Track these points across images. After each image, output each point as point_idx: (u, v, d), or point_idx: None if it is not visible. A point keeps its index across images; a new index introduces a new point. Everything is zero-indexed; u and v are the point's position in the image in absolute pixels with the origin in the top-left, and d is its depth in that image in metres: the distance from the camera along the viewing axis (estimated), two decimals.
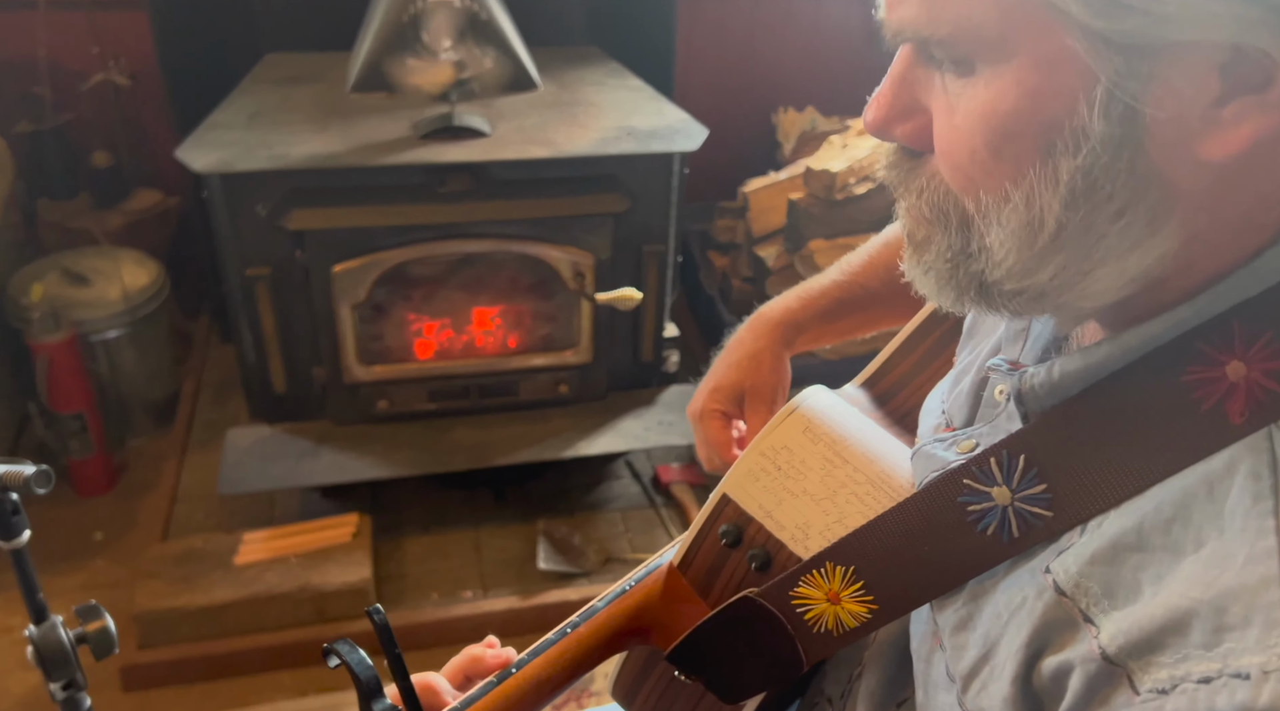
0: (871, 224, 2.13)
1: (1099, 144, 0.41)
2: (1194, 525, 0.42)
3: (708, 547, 0.65)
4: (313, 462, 1.89)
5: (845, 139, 2.16)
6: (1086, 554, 0.45)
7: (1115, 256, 0.43)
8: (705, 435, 0.86)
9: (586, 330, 1.95)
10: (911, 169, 0.49)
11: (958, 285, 0.49)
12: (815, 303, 0.87)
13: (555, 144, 1.76)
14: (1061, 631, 0.45)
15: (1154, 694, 0.40)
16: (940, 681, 0.53)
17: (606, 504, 2.08)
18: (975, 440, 0.55)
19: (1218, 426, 0.42)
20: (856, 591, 0.55)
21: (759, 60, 2.52)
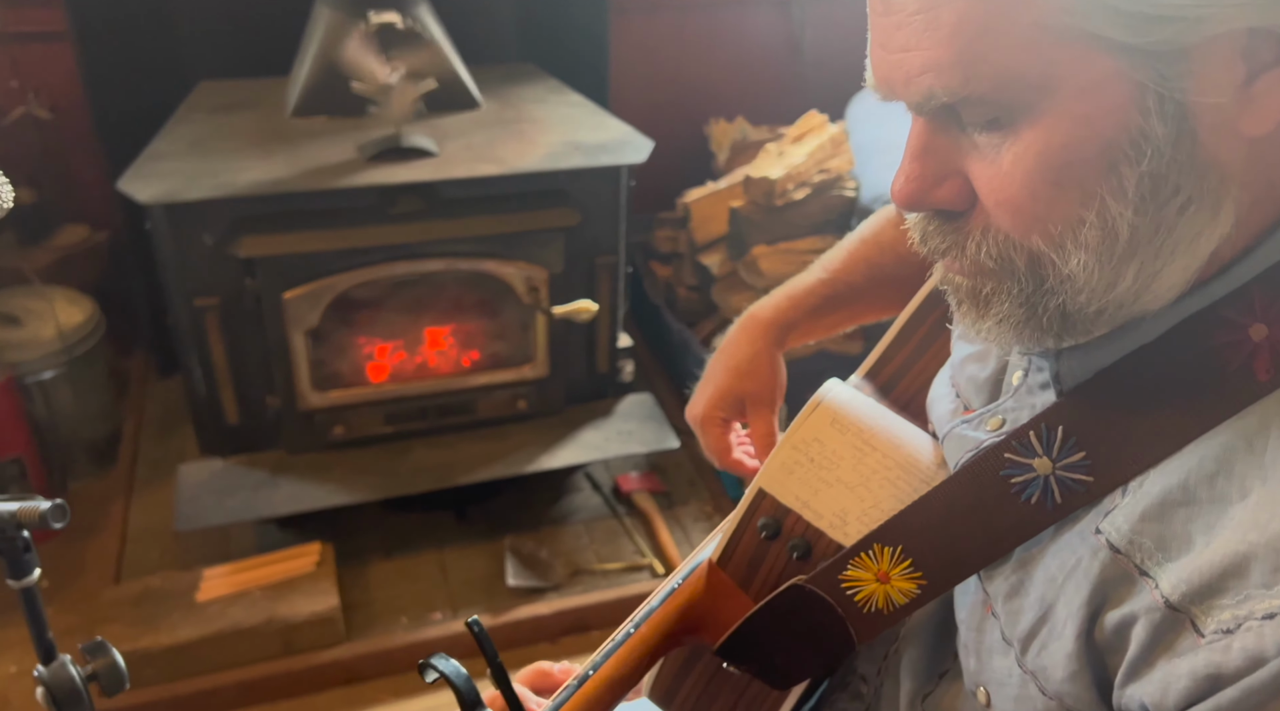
0: (810, 228, 2.19)
1: (1162, 144, 0.44)
2: (1237, 477, 0.46)
3: (747, 541, 0.67)
4: (271, 493, 1.86)
5: (781, 147, 2.21)
6: (1136, 512, 0.48)
7: (1184, 247, 0.46)
8: (708, 442, 0.88)
9: (542, 345, 1.96)
10: (957, 229, 0.51)
11: (1038, 324, 0.50)
12: (804, 301, 0.90)
13: (504, 161, 1.77)
14: (1119, 587, 0.48)
15: (1219, 634, 0.44)
16: (995, 647, 0.56)
17: (569, 517, 2.09)
18: (1001, 417, 0.59)
19: (1245, 384, 0.47)
20: (905, 569, 0.58)
21: (688, 74, 2.57)
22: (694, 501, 2.13)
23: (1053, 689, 0.52)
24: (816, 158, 2.14)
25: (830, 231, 2.21)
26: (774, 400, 0.88)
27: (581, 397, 2.07)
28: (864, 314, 0.94)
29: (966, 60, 0.44)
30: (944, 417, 0.66)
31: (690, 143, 2.62)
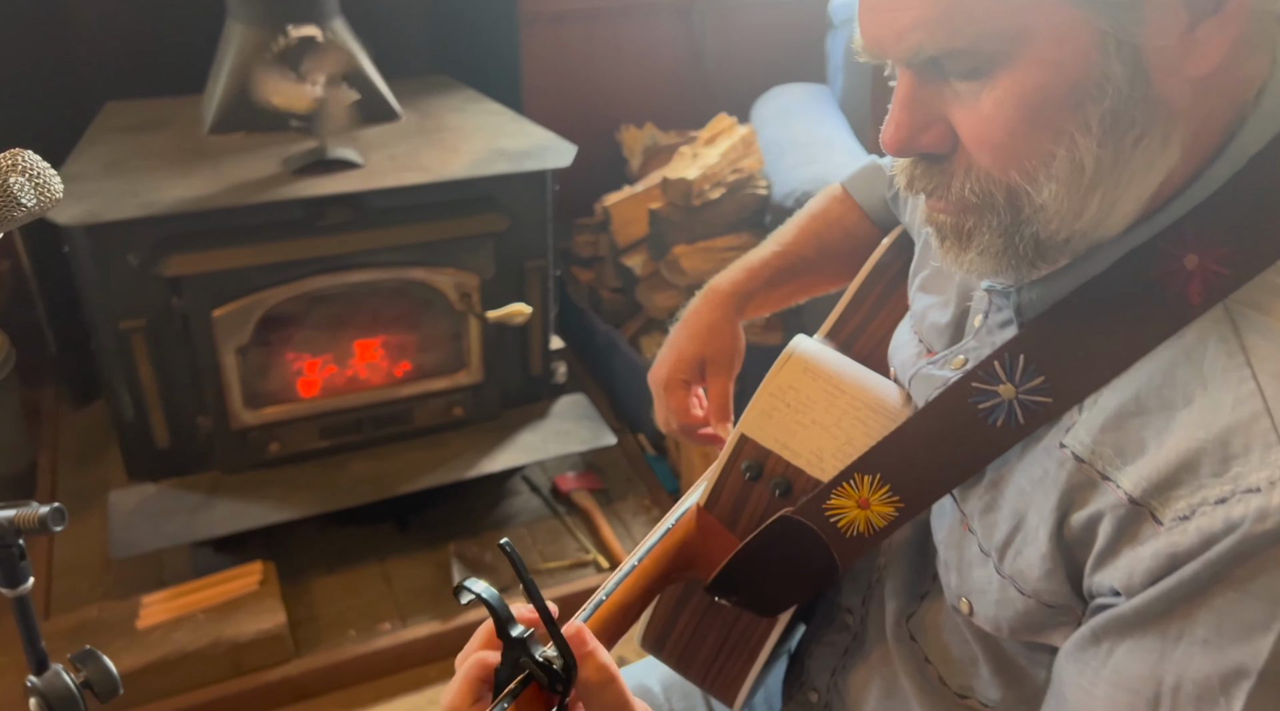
0: (726, 226, 2.27)
1: (1120, 83, 0.50)
2: (1180, 386, 0.52)
3: (731, 484, 0.72)
4: (208, 514, 1.83)
5: (695, 149, 2.29)
6: (1095, 425, 0.55)
7: (1139, 177, 0.53)
8: (669, 403, 0.93)
9: (476, 350, 1.98)
10: (942, 171, 0.56)
11: (1015, 253, 0.56)
12: (759, 273, 0.96)
13: (431, 169, 1.79)
14: (1084, 491, 0.55)
15: (1177, 521, 0.50)
16: (975, 560, 0.62)
17: (510, 520, 2.11)
18: (964, 356, 0.65)
19: (1181, 307, 0.53)
20: (884, 494, 0.64)
21: (597, 82, 2.62)
22: (632, 496, 2.17)
23: (1030, 587, 0.58)
24: (729, 158, 2.22)
25: (745, 228, 2.29)
26: (732, 364, 0.93)
27: (517, 401, 2.10)
28: (814, 285, 1.00)
29: (951, 16, 0.50)
30: (909, 361, 0.72)
31: (602, 150, 2.67)
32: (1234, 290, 0.53)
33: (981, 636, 0.65)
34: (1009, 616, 0.60)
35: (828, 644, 0.78)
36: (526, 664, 0.59)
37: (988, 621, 0.62)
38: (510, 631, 0.60)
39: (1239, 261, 0.53)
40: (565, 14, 2.50)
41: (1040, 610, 0.59)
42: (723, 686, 0.77)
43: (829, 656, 0.78)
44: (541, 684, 0.59)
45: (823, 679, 0.78)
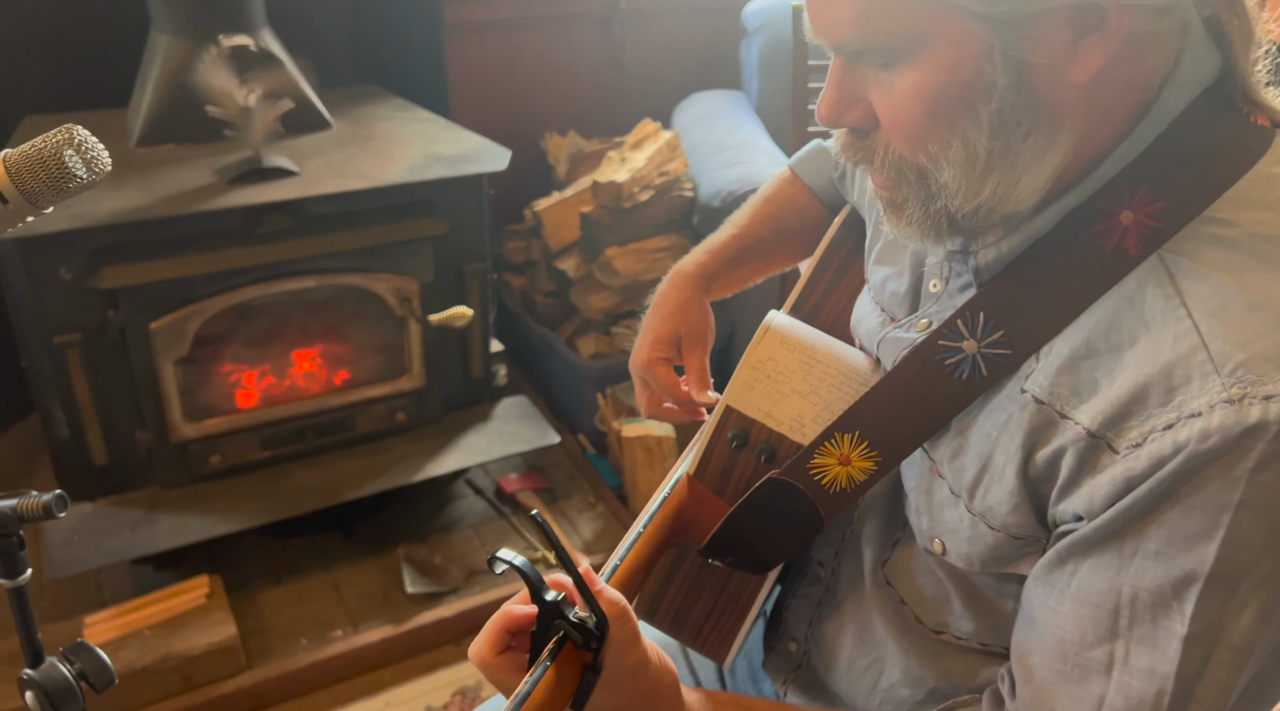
0: (655, 227, 2.33)
1: (1004, 90, 0.58)
2: (1125, 328, 0.60)
3: (719, 453, 0.78)
4: (150, 530, 1.81)
5: (622, 154, 2.35)
6: (1052, 370, 0.62)
7: (1031, 165, 0.61)
8: (657, 380, 0.97)
9: (417, 355, 2.00)
10: (865, 146, 0.65)
11: (935, 224, 0.65)
12: (721, 255, 1.02)
13: (369, 175, 1.81)
14: (1045, 430, 0.62)
15: (1130, 449, 0.57)
16: (945, 502, 0.69)
17: (457, 523, 2.13)
18: (928, 320, 0.72)
19: (1121, 259, 0.61)
20: (863, 450, 0.70)
21: (520, 91, 2.66)
22: (575, 494, 2.21)
23: (999, 522, 0.65)
24: (656, 162, 2.28)
25: (674, 229, 2.36)
26: (706, 339, 0.98)
27: (459, 404, 2.12)
28: (772, 264, 1.06)
29: (863, 19, 0.59)
30: (874, 330, 0.79)
31: (527, 157, 2.71)
32: (1166, 241, 0.60)
33: (953, 574, 0.72)
34: (980, 551, 0.67)
35: (802, 597, 0.84)
36: (561, 625, 0.63)
37: (960, 558, 0.69)
38: (544, 595, 0.64)
39: (1168, 215, 0.60)
40: (488, 24, 2.54)
41: (1009, 542, 0.65)
42: (714, 645, 0.82)
43: (804, 608, 0.84)
44: (576, 642, 0.63)
45: (800, 628, 0.84)
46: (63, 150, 0.61)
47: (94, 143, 0.64)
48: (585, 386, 2.33)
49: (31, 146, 0.62)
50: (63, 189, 0.62)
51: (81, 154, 0.62)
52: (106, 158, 0.65)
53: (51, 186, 0.62)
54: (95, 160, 0.63)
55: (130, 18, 1.89)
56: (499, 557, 0.63)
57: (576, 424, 2.40)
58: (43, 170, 0.61)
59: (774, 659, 0.87)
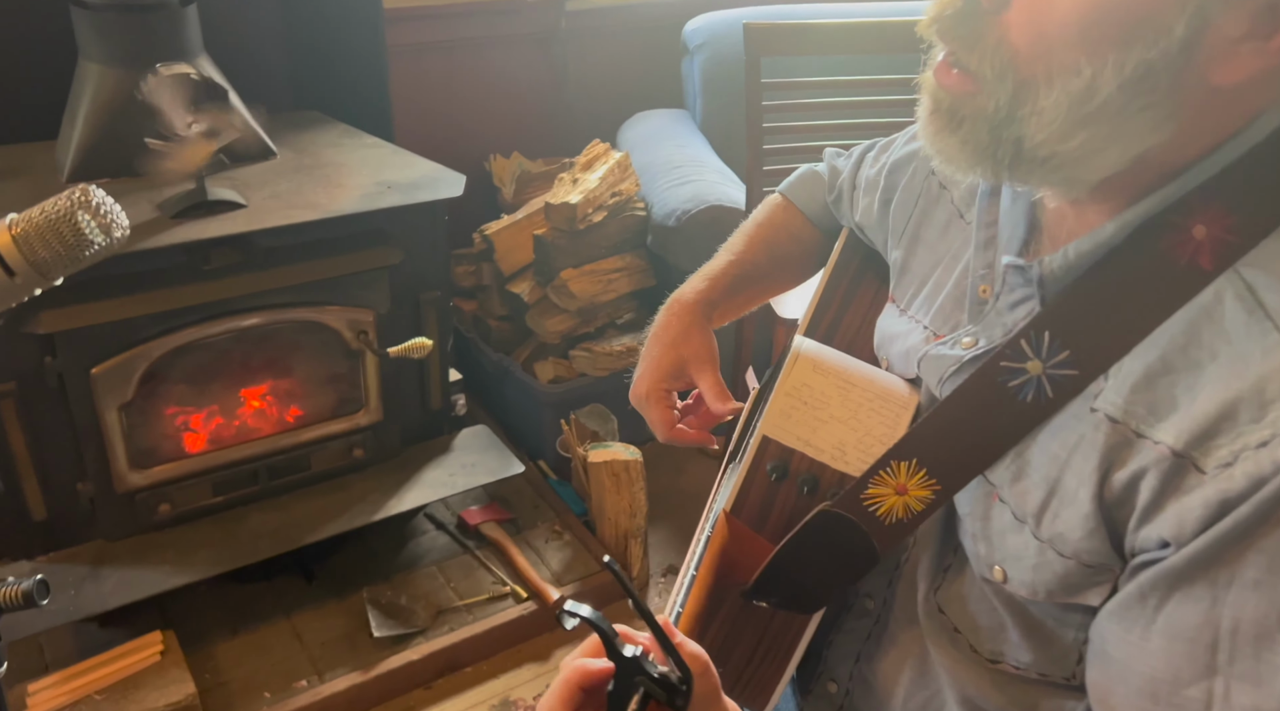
0: (610, 248, 2.30)
1: (1169, 44, 0.53)
2: (1205, 344, 0.57)
3: (758, 487, 0.75)
4: (97, 587, 1.70)
5: (573, 174, 2.31)
6: (1125, 388, 0.60)
7: (1126, 140, 0.57)
8: (653, 413, 0.94)
9: (374, 389, 1.93)
10: (977, 27, 0.58)
11: (991, 152, 0.59)
12: (720, 282, 0.99)
13: (320, 206, 1.74)
14: (1122, 451, 0.59)
15: (1220, 468, 0.54)
16: (1008, 527, 0.66)
17: (420, 560, 2.05)
18: (974, 337, 0.70)
19: (1195, 273, 0.59)
20: (921, 478, 0.68)
21: (462, 113, 2.61)
22: (541, 523, 2.16)
23: (1070, 549, 0.62)
24: (608, 182, 2.25)
25: (628, 249, 2.33)
26: (713, 359, 0.95)
27: (418, 437, 2.05)
28: (769, 290, 1.04)
29: None
30: (916, 347, 0.76)
31: (471, 179, 2.64)
32: (1242, 255, 0.58)
33: (1009, 602, 0.69)
34: (1046, 579, 0.64)
35: (848, 632, 0.81)
36: (643, 681, 0.59)
37: (1023, 586, 0.66)
38: (622, 651, 0.59)
39: (1244, 229, 0.58)
40: (427, 45, 2.48)
41: (1079, 571, 0.63)
42: (755, 691, 0.79)
43: (850, 644, 0.81)
44: (660, 700, 0.59)
45: (843, 668, 0.81)
46: (77, 214, 0.55)
47: (111, 204, 0.58)
48: (545, 411, 2.28)
49: (41, 211, 0.56)
50: (77, 258, 0.57)
51: (98, 218, 0.56)
52: (125, 220, 0.59)
53: (66, 255, 0.56)
54: (113, 224, 0.58)
55: (55, 46, 1.79)
56: (568, 612, 0.59)
57: (537, 450, 2.35)
58: (55, 238, 0.55)
59: (812, 702, 0.83)
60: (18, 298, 0.58)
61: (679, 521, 2.25)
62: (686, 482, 2.36)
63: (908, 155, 0.90)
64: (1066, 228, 0.68)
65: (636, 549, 2.04)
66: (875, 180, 0.94)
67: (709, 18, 2.60)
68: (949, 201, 0.82)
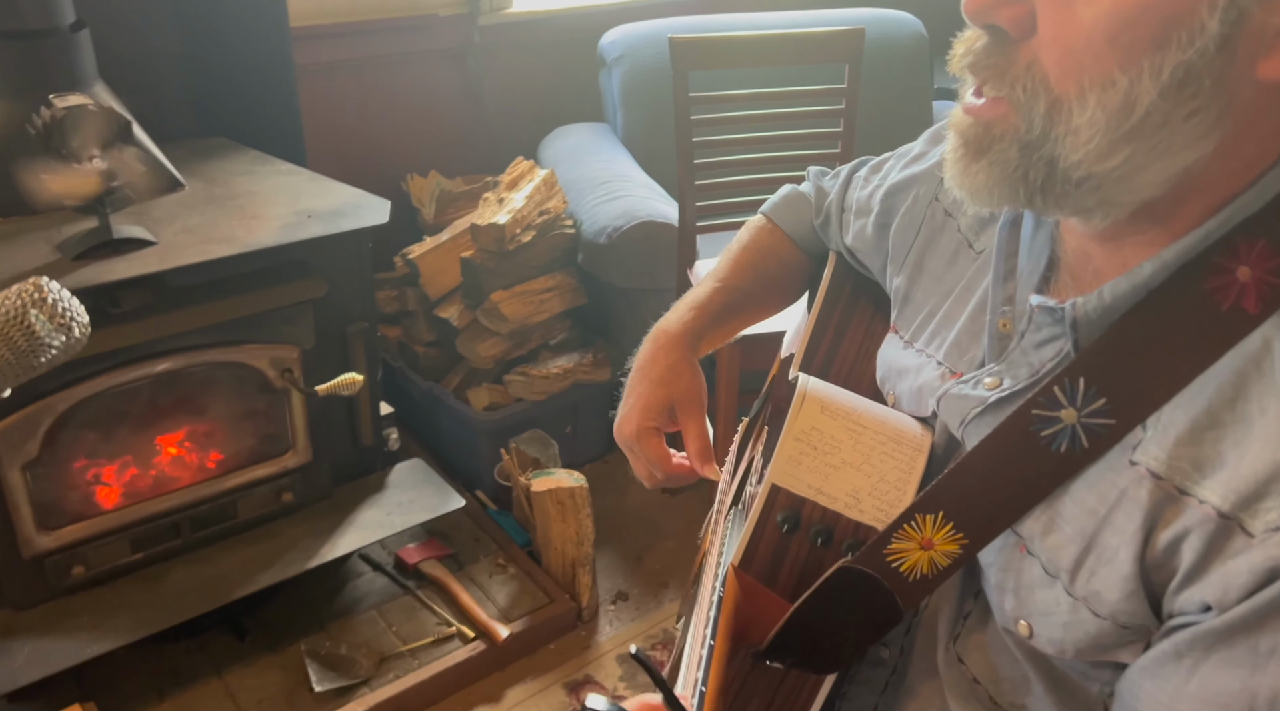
0: (540, 268, 2.24)
1: (1207, 42, 0.50)
2: (1255, 397, 0.54)
3: (768, 539, 0.70)
4: (6, 662, 1.57)
5: (499, 194, 2.24)
6: (1169, 440, 0.56)
7: (1172, 153, 0.53)
8: (646, 453, 0.88)
9: (301, 428, 1.83)
10: (1004, 54, 0.55)
11: (1024, 176, 0.56)
12: (707, 310, 0.94)
13: (238, 240, 1.64)
14: (1165, 508, 0.55)
15: (1270, 532, 0.51)
16: (1037, 581, 0.62)
17: (358, 605, 1.96)
18: (999, 377, 0.67)
19: (1239, 319, 0.55)
20: (947, 533, 0.63)
21: (375, 133, 2.52)
22: (483, 556, 2.08)
23: (1107, 609, 0.58)
24: (535, 201, 2.19)
25: (558, 268, 2.28)
26: (701, 401, 0.90)
27: (350, 476, 1.96)
28: (755, 316, 1.00)
29: None
30: (930, 384, 0.72)
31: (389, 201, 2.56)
32: None
33: (1033, 655, 0.66)
34: (1077, 637, 0.61)
35: (862, 683, 0.77)
36: None
37: (1050, 643, 0.62)
38: None
39: None
40: (336, 65, 2.38)
41: (1114, 631, 0.59)
42: None
43: (866, 696, 0.77)
44: None
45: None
46: (29, 314, 0.47)
47: (69, 299, 0.49)
48: (481, 440, 2.20)
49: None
50: (30, 366, 0.48)
51: (55, 317, 0.48)
52: (84, 316, 0.50)
53: (17, 364, 0.47)
54: (73, 322, 0.49)
55: None
56: (589, 708, 0.53)
57: (473, 480, 2.27)
58: (3, 344, 0.46)
59: None
60: None
61: (625, 545, 2.20)
62: (630, 504, 2.32)
63: (907, 179, 0.86)
64: (1094, 267, 0.64)
65: (585, 577, 1.98)
66: (869, 203, 0.90)
67: (625, 30, 2.56)
68: (955, 230, 0.79)
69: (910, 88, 2.69)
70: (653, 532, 2.24)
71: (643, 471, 0.90)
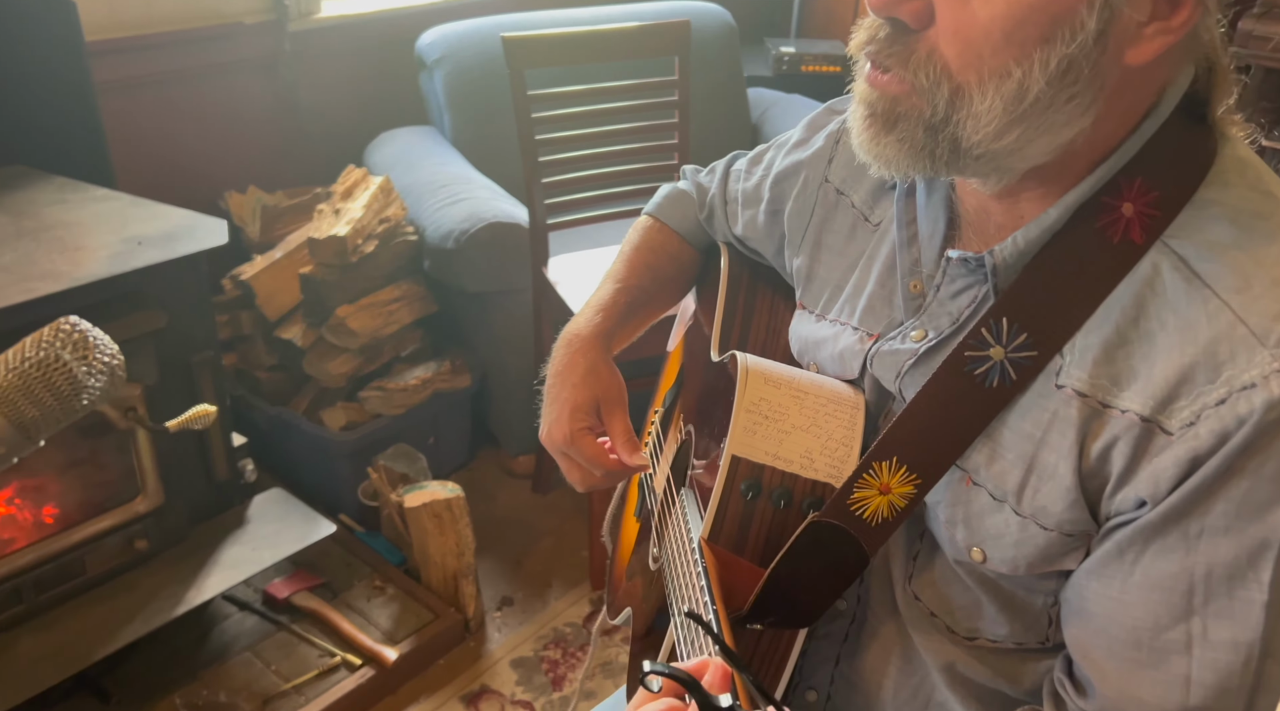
0: (385, 278, 2.18)
1: (1087, 37, 0.57)
2: (1153, 315, 0.62)
3: (733, 509, 0.72)
4: None
5: (334, 204, 2.16)
6: (1087, 363, 0.63)
7: (1055, 129, 0.61)
8: (583, 454, 0.89)
9: (150, 469, 1.71)
10: (906, 45, 0.60)
11: (930, 151, 0.62)
12: (613, 311, 0.96)
13: (63, 274, 1.51)
14: (1092, 422, 0.63)
15: (1185, 428, 0.59)
16: (986, 508, 0.68)
17: (230, 648, 1.85)
18: (923, 329, 0.72)
19: (1129, 248, 0.63)
20: (903, 475, 0.68)
21: (188, 150, 2.37)
22: (358, 582, 2.01)
23: (1053, 521, 0.65)
24: (373, 209, 2.13)
25: (403, 277, 2.22)
26: (623, 398, 0.92)
27: (207, 514, 1.84)
28: (655, 312, 1.02)
29: None
30: (851, 349, 0.77)
31: None
32: (1167, 227, 0.63)
33: (983, 580, 0.72)
34: (1028, 553, 0.67)
35: (823, 637, 0.80)
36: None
37: (1004, 563, 0.68)
38: (719, 703, 0.54)
39: (1165, 202, 0.63)
40: (138, 81, 2.23)
41: (1060, 541, 0.66)
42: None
43: (827, 649, 0.80)
44: None
45: (822, 673, 0.81)
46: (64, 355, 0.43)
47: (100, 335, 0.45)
48: (339, 462, 2.12)
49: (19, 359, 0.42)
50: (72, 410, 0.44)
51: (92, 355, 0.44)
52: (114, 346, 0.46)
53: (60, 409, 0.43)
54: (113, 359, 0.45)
55: None
56: (651, 673, 0.53)
57: (335, 505, 2.18)
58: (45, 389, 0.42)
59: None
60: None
61: (502, 550, 2.18)
62: (501, 509, 2.29)
63: (793, 165, 0.91)
64: (995, 221, 0.71)
65: (469, 587, 1.94)
66: (757, 192, 0.94)
67: (443, 31, 2.52)
68: (849, 206, 0.84)
69: (726, 76, 2.78)
70: (528, 535, 2.22)
71: (577, 474, 0.91)
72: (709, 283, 1.00)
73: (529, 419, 2.34)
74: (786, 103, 2.88)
